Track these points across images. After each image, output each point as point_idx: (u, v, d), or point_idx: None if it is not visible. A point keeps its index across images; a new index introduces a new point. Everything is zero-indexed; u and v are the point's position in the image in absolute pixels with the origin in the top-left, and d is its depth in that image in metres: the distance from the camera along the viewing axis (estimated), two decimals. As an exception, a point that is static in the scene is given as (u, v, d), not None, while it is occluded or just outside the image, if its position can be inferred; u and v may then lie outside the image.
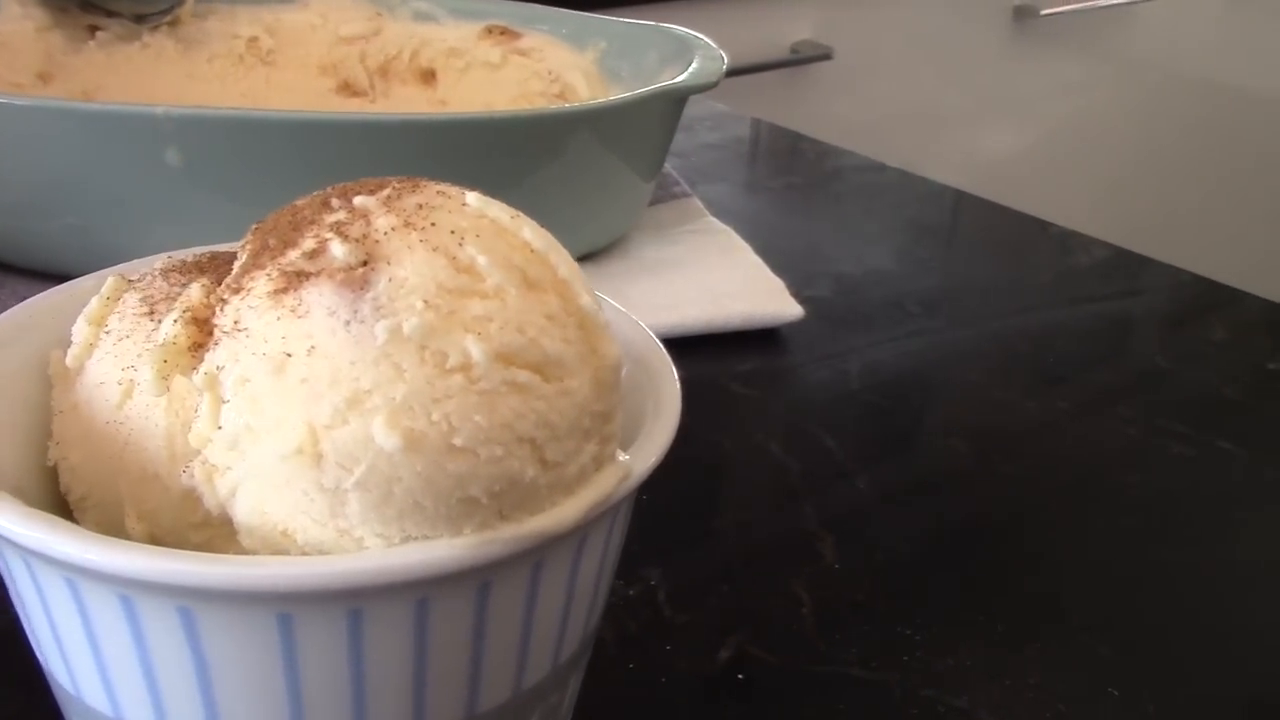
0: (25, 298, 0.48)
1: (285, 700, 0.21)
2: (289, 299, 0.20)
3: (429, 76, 0.64)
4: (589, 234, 0.55)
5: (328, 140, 0.47)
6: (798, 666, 0.34)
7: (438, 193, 0.22)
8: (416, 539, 0.20)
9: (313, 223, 0.21)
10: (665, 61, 0.59)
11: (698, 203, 0.62)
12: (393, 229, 0.20)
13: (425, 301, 0.20)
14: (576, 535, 0.22)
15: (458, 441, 0.19)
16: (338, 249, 0.20)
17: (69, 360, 0.25)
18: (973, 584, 0.38)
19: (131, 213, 0.47)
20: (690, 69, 0.55)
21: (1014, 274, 0.62)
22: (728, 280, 0.53)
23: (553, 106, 0.58)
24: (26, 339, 0.26)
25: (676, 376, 0.26)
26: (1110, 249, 0.63)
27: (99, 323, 0.26)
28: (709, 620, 0.36)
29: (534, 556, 0.21)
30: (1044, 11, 1.75)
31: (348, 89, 0.63)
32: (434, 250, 0.20)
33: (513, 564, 0.21)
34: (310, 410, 0.19)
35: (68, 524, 0.20)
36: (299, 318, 0.20)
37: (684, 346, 0.50)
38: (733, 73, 1.66)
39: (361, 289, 0.20)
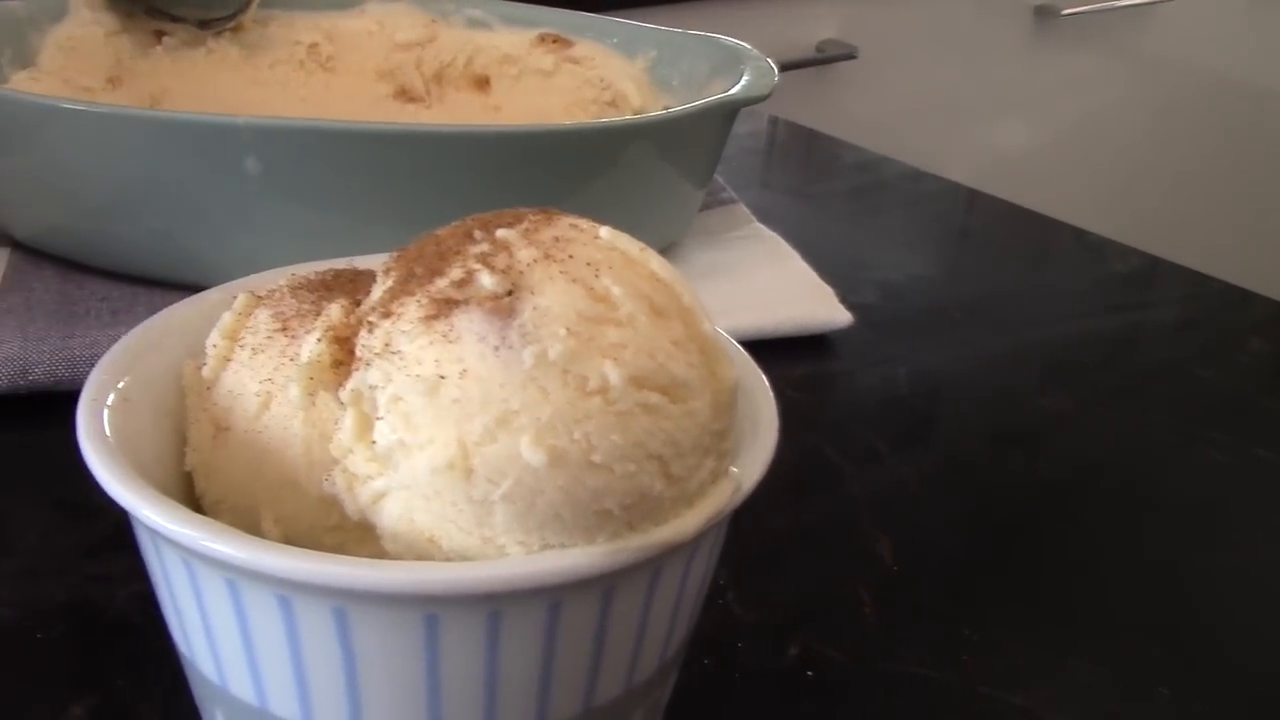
0: (105, 298, 0.50)
1: (425, 694, 0.23)
2: (440, 325, 0.22)
3: (483, 83, 0.66)
4: (646, 240, 0.56)
5: (397, 150, 0.48)
6: (863, 664, 0.36)
7: (570, 225, 0.23)
8: (554, 547, 0.22)
9: (458, 253, 0.23)
10: (716, 71, 0.61)
11: (744, 209, 0.64)
12: (534, 260, 0.22)
13: (567, 329, 0.21)
14: (692, 544, 0.24)
15: (596, 458, 0.21)
16: (486, 279, 0.22)
17: (205, 372, 0.27)
18: (1023, 585, 0.40)
19: (211, 219, 0.49)
20: (743, 81, 0.56)
21: (1052, 281, 0.63)
22: (778, 287, 0.55)
23: (612, 119, 0.59)
24: (161, 350, 0.28)
25: (772, 394, 0.27)
26: (1144, 256, 0.65)
27: (233, 337, 0.27)
28: (776, 619, 0.37)
29: (655, 564, 0.23)
30: (1065, 11, 1.76)
31: (404, 94, 0.65)
32: (573, 281, 0.22)
33: (636, 571, 0.23)
34: (462, 428, 0.21)
35: (230, 529, 0.22)
36: (450, 342, 0.21)
37: (737, 352, 0.52)
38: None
39: (509, 317, 0.21)
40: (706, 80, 0.61)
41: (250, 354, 0.27)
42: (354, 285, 0.28)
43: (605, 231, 0.23)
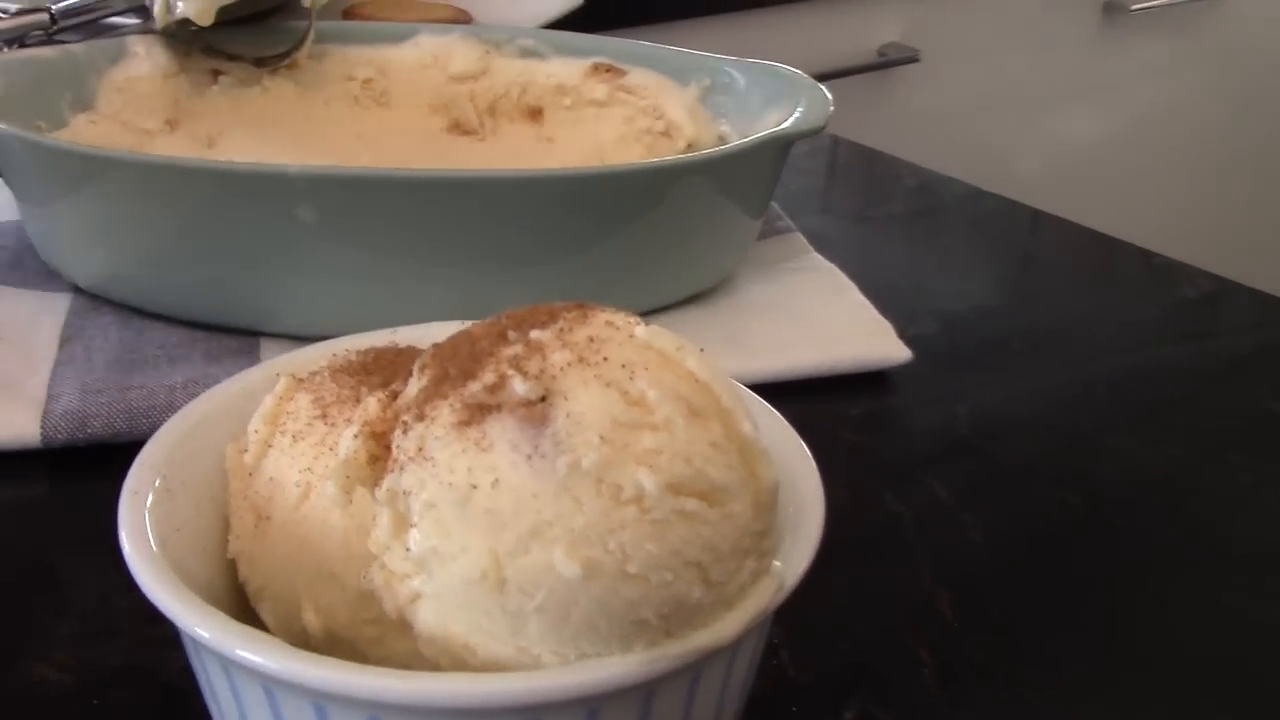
0: (163, 345, 0.50)
1: None
2: (473, 432, 0.21)
3: (536, 114, 0.66)
4: (699, 275, 0.56)
5: (447, 195, 0.48)
6: (924, 731, 0.35)
7: (606, 323, 0.23)
8: (590, 656, 0.21)
9: (491, 355, 0.22)
10: (770, 101, 0.60)
11: (801, 238, 0.63)
12: (568, 364, 0.22)
13: (601, 437, 0.21)
14: (730, 650, 0.23)
15: (632, 569, 0.21)
16: (519, 385, 0.21)
17: (247, 458, 0.27)
18: (1091, 643, 0.39)
19: (265, 266, 0.49)
20: (797, 113, 0.55)
21: (1118, 308, 0.62)
22: (836, 323, 0.54)
23: (663, 160, 0.59)
24: (204, 434, 0.28)
25: (819, 478, 0.27)
26: (1215, 280, 0.63)
27: (274, 422, 0.27)
28: (831, 680, 0.37)
29: (695, 668, 0.22)
30: (1134, 7, 1.73)
31: (458, 128, 0.65)
32: (607, 385, 0.21)
33: (676, 676, 0.22)
34: (495, 539, 0.21)
35: (265, 636, 0.22)
36: (483, 450, 0.21)
37: (790, 391, 0.51)
38: (819, 78, 1.66)
39: (542, 424, 0.21)
40: (761, 110, 0.60)
41: (291, 441, 0.27)
42: (394, 368, 0.27)
43: (641, 330, 0.23)
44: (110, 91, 0.61)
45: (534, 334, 0.22)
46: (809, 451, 0.28)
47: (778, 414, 0.29)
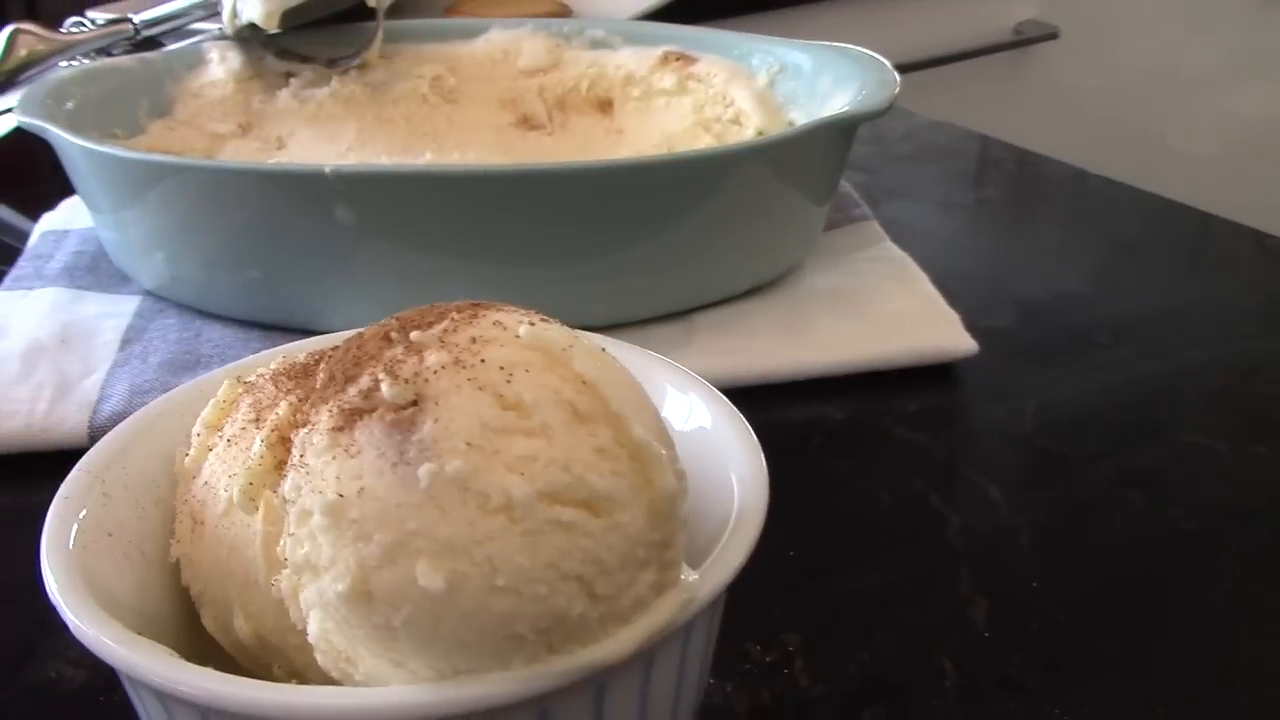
0: (218, 345, 0.51)
1: None
2: (344, 437, 0.20)
3: (606, 105, 0.65)
4: (760, 265, 0.54)
5: (491, 190, 0.48)
6: (934, 748, 0.33)
7: (494, 323, 0.22)
8: (465, 672, 0.20)
9: (373, 358, 0.21)
10: (838, 83, 0.58)
11: (876, 226, 0.60)
12: (443, 367, 0.20)
13: (468, 443, 0.20)
14: (640, 660, 0.22)
15: (500, 582, 0.20)
16: (388, 389, 0.20)
17: (188, 462, 0.27)
18: (1136, 656, 0.36)
19: (308, 266, 0.49)
20: (860, 95, 0.53)
21: (1221, 296, 0.57)
22: (899, 314, 0.52)
23: (716, 146, 0.57)
24: (155, 436, 0.28)
25: (767, 486, 0.25)
26: (1335, 263, 0.58)
27: (215, 427, 0.27)
28: (846, 692, 0.35)
29: (593, 684, 0.21)
30: (1297, -25, 1.63)
31: (526, 122, 0.64)
32: (480, 389, 0.20)
33: (570, 693, 0.21)
34: (360, 551, 0.20)
35: (156, 648, 0.22)
36: (351, 457, 0.20)
37: (850, 385, 0.49)
38: (954, 58, 1.61)
39: (409, 430, 0.20)
40: (830, 93, 0.58)
41: (225, 445, 0.26)
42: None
43: (525, 329, 0.21)
44: (186, 97, 0.62)
45: (414, 335, 0.21)
46: (760, 448, 0.26)
47: (732, 408, 0.28)
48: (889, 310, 0.52)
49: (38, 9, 1.29)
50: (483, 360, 0.21)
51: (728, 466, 0.26)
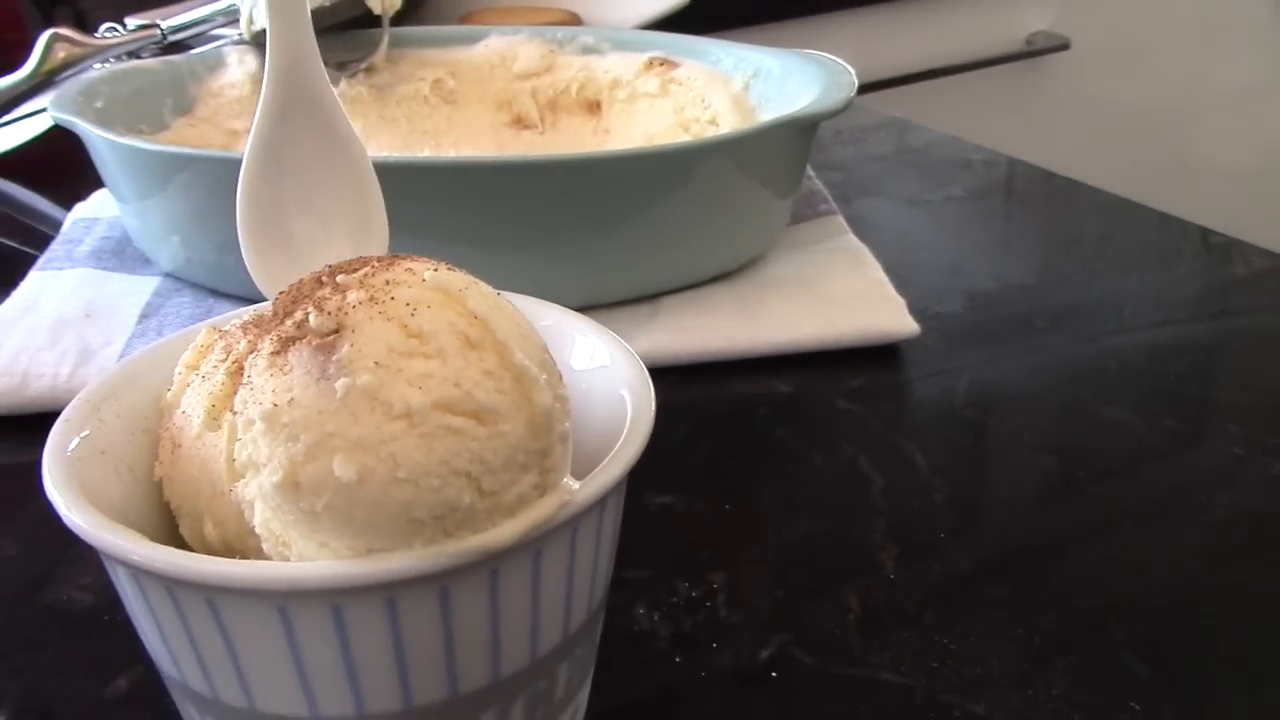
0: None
1: (295, 675, 0.26)
2: (280, 359, 0.25)
3: (594, 107, 0.69)
4: (726, 253, 0.59)
5: (477, 179, 0.53)
6: (831, 668, 0.37)
7: (406, 270, 0.26)
8: (377, 551, 0.25)
9: (307, 297, 0.26)
10: (803, 86, 0.62)
11: (840, 220, 0.65)
12: (360, 303, 0.25)
13: (377, 363, 0.24)
14: (528, 550, 0.26)
15: (401, 474, 0.24)
16: (314, 320, 0.25)
17: (169, 396, 0.32)
18: (1025, 599, 0.40)
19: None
20: (816, 96, 0.58)
21: (1159, 286, 0.61)
22: (849, 297, 0.56)
23: (682, 141, 0.62)
24: (148, 374, 0.33)
25: (651, 419, 0.29)
26: (1272, 258, 0.62)
27: (193, 367, 0.32)
28: (758, 622, 0.39)
29: (486, 566, 0.26)
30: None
31: (520, 122, 0.69)
32: (388, 320, 0.25)
33: (466, 572, 0.25)
34: (289, 449, 0.24)
35: (134, 534, 0.26)
36: (284, 374, 0.25)
37: (800, 362, 0.54)
38: (966, 68, 1.65)
39: (330, 353, 0.25)
40: (796, 95, 0.62)
41: (200, 381, 0.31)
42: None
43: (430, 274, 0.26)
44: (206, 97, 0.68)
45: (340, 278, 0.26)
46: (649, 381, 0.31)
47: (626, 347, 0.32)
48: (839, 293, 0.56)
49: (85, 18, 1.36)
50: (393, 298, 0.25)
51: (624, 396, 0.31)
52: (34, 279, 0.60)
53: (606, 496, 0.28)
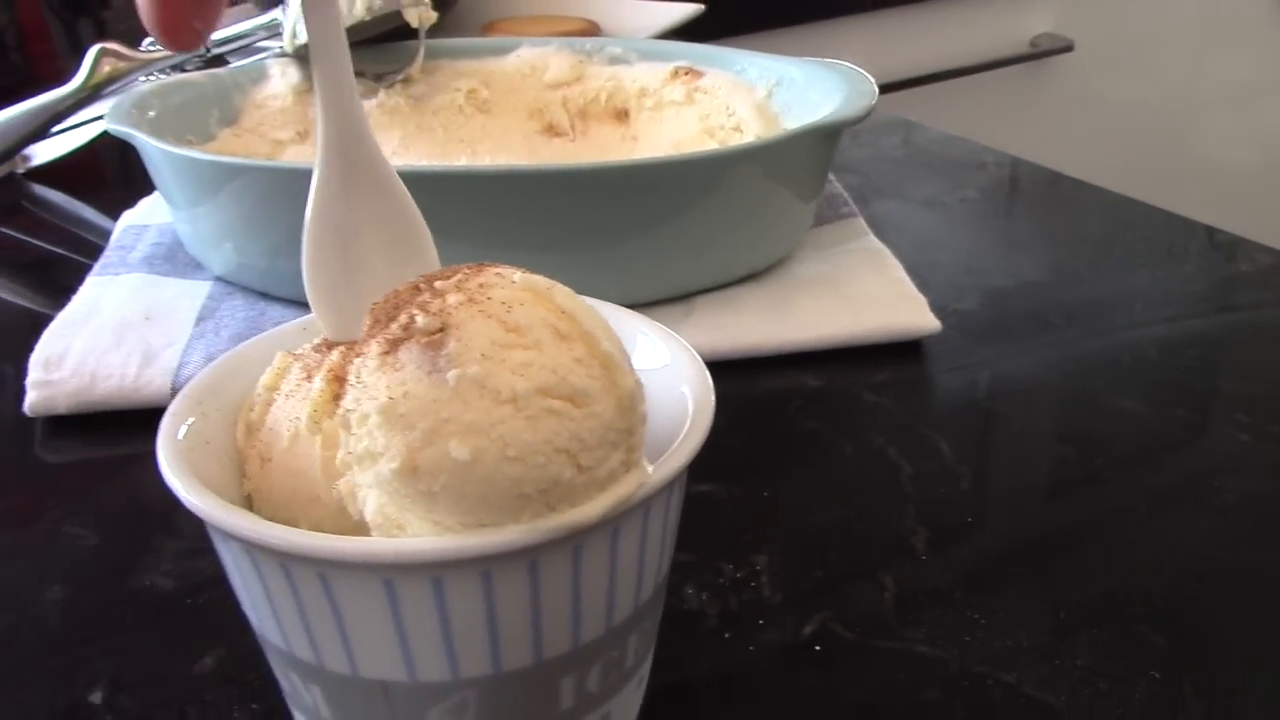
0: (278, 322, 0.58)
1: (397, 643, 0.29)
2: (390, 359, 0.28)
3: (622, 115, 0.72)
4: (754, 255, 0.62)
5: (520, 187, 0.55)
6: (870, 642, 0.40)
7: (496, 274, 0.29)
8: (488, 525, 0.27)
9: (408, 303, 0.29)
10: (826, 95, 0.65)
11: (861, 222, 0.67)
12: (460, 304, 0.28)
13: (483, 354, 0.27)
14: (607, 527, 0.29)
15: (511, 453, 0.27)
16: (421, 321, 0.28)
17: (253, 416, 0.34)
18: (1050, 578, 0.43)
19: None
20: (837, 104, 0.60)
21: (1168, 283, 0.64)
22: (873, 296, 0.59)
23: (711, 149, 0.64)
24: (239, 377, 0.35)
25: (712, 411, 0.32)
26: (1275, 255, 0.65)
27: (273, 388, 0.34)
28: (800, 600, 0.42)
29: (571, 542, 0.28)
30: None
31: (551, 130, 0.72)
32: (489, 317, 0.28)
33: (553, 547, 0.28)
34: (407, 436, 0.27)
35: (248, 513, 0.29)
36: (396, 370, 0.28)
37: (828, 358, 0.57)
38: (971, 70, 1.67)
39: (439, 349, 0.27)
40: (818, 103, 0.65)
41: (284, 399, 0.34)
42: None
43: (519, 276, 0.29)
44: (251, 108, 0.70)
45: (438, 284, 0.29)
46: (709, 377, 0.33)
47: (688, 347, 0.35)
48: (863, 293, 0.59)
49: (107, 28, 1.39)
50: (489, 298, 0.28)
51: (684, 392, 0.33)
52: (92, 284, 0.63)
53: (674, 479, 0.30)
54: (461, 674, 0.29)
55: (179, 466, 0.31)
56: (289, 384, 0.34)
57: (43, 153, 0.83)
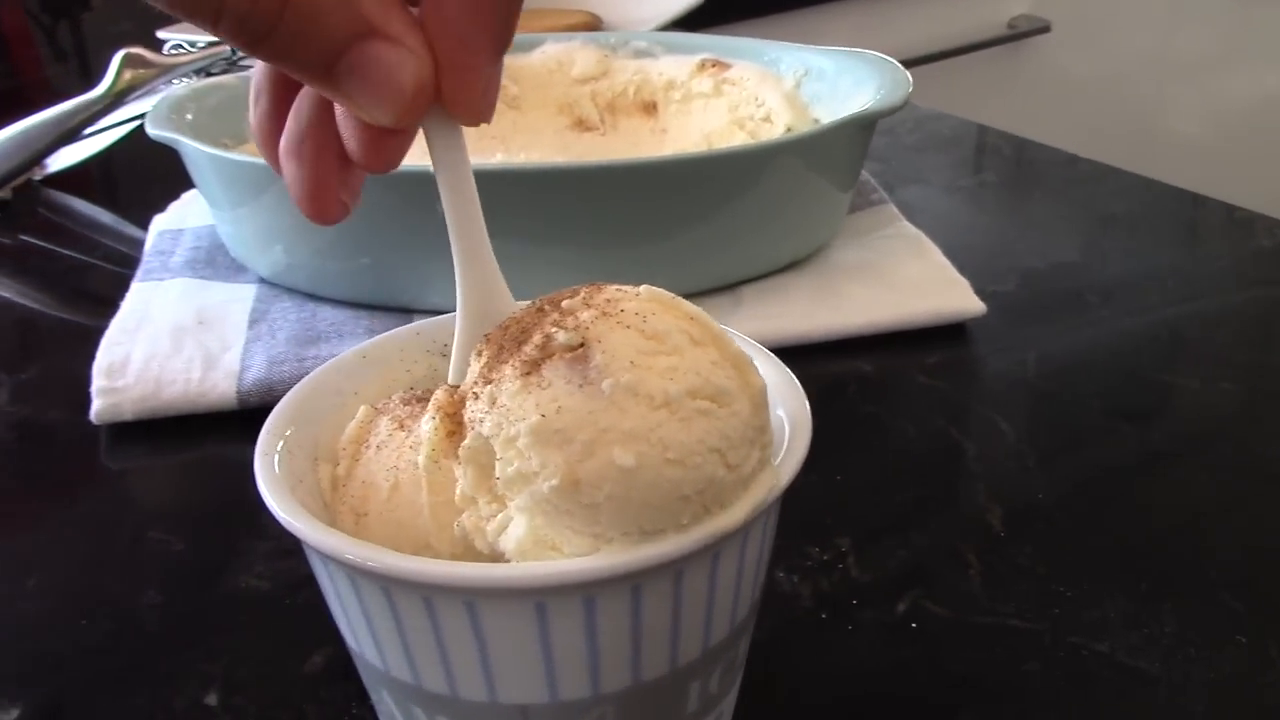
0: (332, 322, 0.59)
1: (541, 664, 0.29)
2: (533, 379, 0.28)
3: (650, 108, 0.73)
4: (796, 244, 0.63)
5: (570, 184, 0.56)
6: (963, 618, 0.41)
7: (616, 289, 0.30)
8: (650, 533, 0.28)
9: (535, 326, 0.29)
10: (858, 84, 0.66)
11: (893, 208, 0.69)
12: (595, 318, 0.29)
13: (631, 362, 0.28)
14: (742, 531, 0.29)
15: (671, 455, 0.28)
16: (562, 337, 0.28)
17: (340, 470, 0.34)
18: (1123, 549, 0.44)
19: (413, 254, 0.58)
20: (878, 95, 0.61)
21: (1194, 260, 0.66)
22: (917, 281, 0.60)
23: (759, 142, 0.65)
24: (312, 403, 0.35)
25: (808, 404, 0.33)
26: (1294, 229, 0.67)
27: (360, 441, 0.34)
28: (889, 579, 0.43)
29: (713, 549, 0.29)
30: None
31: (581, 125, 0.73)
32: (627, 328, 0.28)
33: (698, 556, 0.28)
34: (566, 451, 0.28)
35: (385, 549, 0.29)
36: (543, 389, 0.28)
37: (877, 343, 0.58)
38: (950, 53, 1.69)
39: (585, 362, 0.28)
40: (850, 93, 0.66)
41: (375, 451, 0.33)
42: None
43: (644, 289, 0.30)
44: (282, 109, 0.70)
45: (565, 303, 0.30)
46: (799, 384, 0.34)
47: (773, 356, 0.36)
48: (908, 279, 0.61)
49: (82, 31, 1.37)
50: (622, 310, 0.29)
51: (776, 403, 0.34)
52: (138, 290, 0.63)
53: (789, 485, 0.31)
54: (602, 689, 0.30)
55: (294, 509, 0.30)
56: (377, 437, 0.34)
57: (59, 159, 0.83)
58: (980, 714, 0.37)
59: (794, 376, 0.34)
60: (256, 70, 0.34)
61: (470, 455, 0.30)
